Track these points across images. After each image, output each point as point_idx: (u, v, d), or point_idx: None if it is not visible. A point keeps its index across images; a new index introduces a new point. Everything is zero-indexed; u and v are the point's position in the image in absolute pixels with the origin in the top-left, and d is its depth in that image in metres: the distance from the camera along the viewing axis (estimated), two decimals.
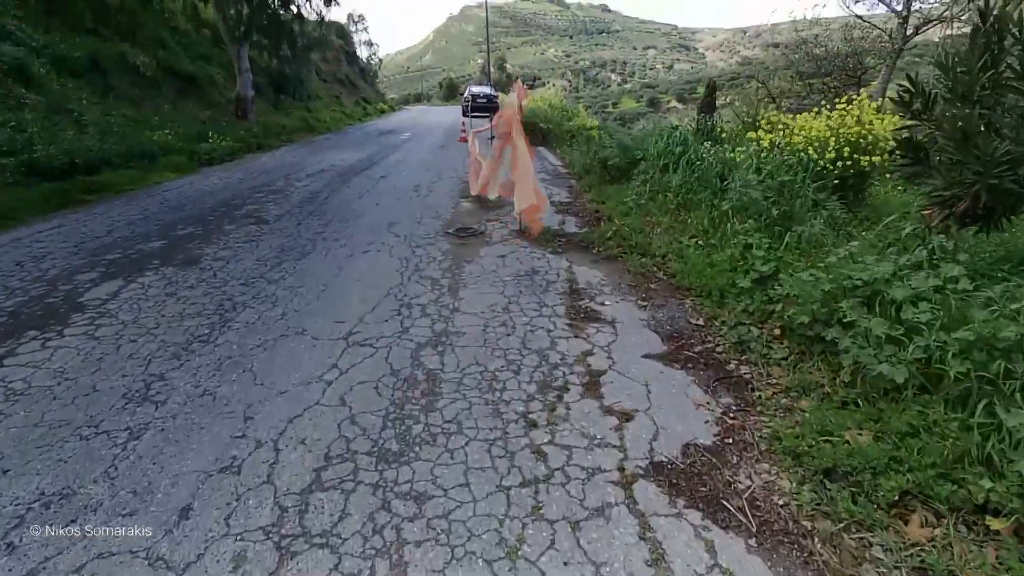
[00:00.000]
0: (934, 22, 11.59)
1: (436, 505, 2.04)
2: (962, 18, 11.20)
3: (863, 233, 4.12)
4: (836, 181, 5.09)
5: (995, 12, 2.99)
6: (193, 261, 4.94)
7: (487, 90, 28.69)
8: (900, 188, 6.38)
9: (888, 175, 5.52)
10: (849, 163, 5.07)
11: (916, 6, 11.61)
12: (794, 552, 1.84)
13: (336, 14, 59.30)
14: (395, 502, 2.05)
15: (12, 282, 4.39)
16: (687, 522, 1.96)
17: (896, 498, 1.93)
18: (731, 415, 2.60)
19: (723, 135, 9.10)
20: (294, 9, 17.74)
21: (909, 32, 11.90)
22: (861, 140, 5.12)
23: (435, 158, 11.69)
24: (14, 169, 7.62)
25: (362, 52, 56.04)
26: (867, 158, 5.02)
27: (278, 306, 3.93)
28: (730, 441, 2.41)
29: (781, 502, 2.05)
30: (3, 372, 2.99)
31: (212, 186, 8.66)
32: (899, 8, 12.11)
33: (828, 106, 5.76)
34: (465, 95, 28.47)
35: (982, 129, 3.08)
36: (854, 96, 5.70)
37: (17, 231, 5.91)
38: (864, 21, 11.94)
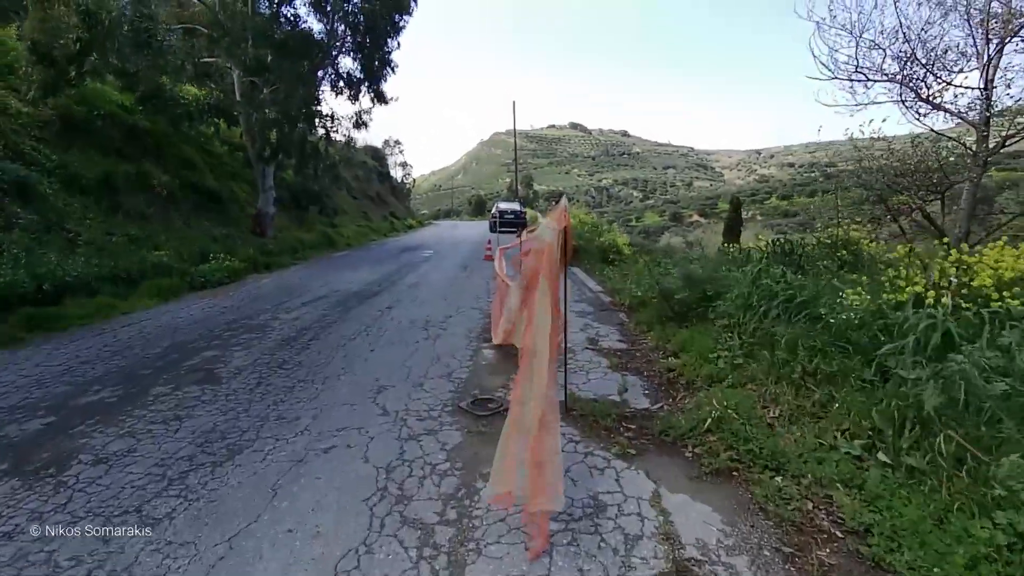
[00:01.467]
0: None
1: None
2: None
3: None
4: None
5: None
6: (57, 464, 3.17)
7: (515, 206, 28.46)
8: None
9: None
10: None
11: (999, 115, 10.30)
12: None
13: (373, 137, 63.17)
14: None
15: None
16: None
17: None
18: None
19: (802, 261, 7.43)
20: (321, 131, 17.74)
21: (992, 144, 10.49)
22: None
23: (455, 283, 10.25)
24: None
25: (397, 172, 58.95)
26: None
27: None
28: None
29: None
30: None
31: (185, 318, 7.19)
32: (975, 118, 10.84)
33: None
34: (493, 211, 28.24)
35: None
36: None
37: None
38: (941, 135, 10.64)
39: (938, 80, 10.96)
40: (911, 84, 11.60)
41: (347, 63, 31.01)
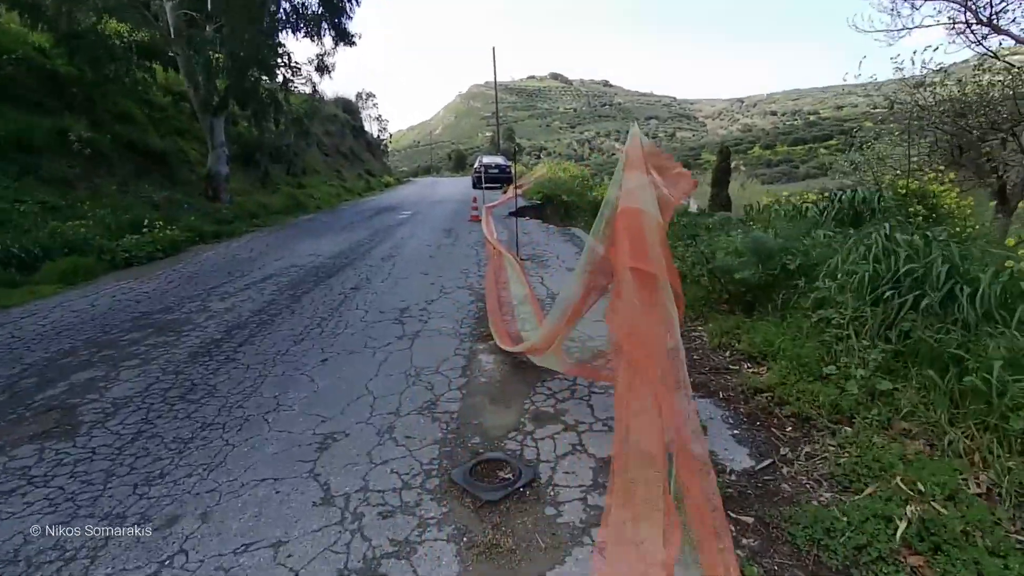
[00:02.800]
0: None
1: None
2: None
3: None
4: None
5: None
6: None
7: (500, 160, 26.39)
8: None
9: None
10: None
11: None
12: None
13: (344, 89, 59.67)
14: None
15: None
16: None
17: None
18: None
19: (871, 216, 5.91)
20: (280, 78, 15.42)
21: None
22: None
23: (437, 253, 8.53)
24: None
25: (372, 127, 55.78)
26: None
27: None
28: None
29: None
30: None
31: (81, 313, 5.43)
32: None
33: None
34: (476, 166, 26.15)
35: None
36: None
37: None
38: (1002, 61, 8.99)
39: None
40: (969, 3, 9.86)
41: None
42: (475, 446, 2.78)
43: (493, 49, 39.77)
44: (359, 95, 57.87)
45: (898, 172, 9.29)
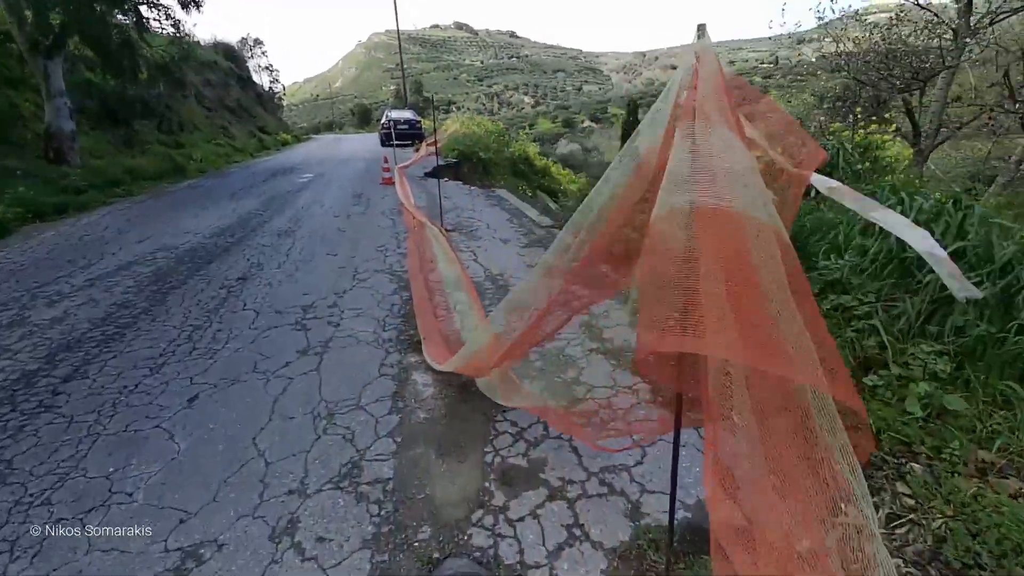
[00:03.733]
0: (1008, 12, 8.81)
1: None
2: None
3: None
4: None
5: None
6: None
7: (408, 115, 24.37)
8: None
9: None
10: None
11: None
12: None
13: (223, 34, 53.38)
14: None
15: None
16: None
17: None
18: None
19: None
20: (131, 14, 12.67)
21: (974, 22, 9.03)
22: None
23: (347, 225, 7.22)
24: None
25: (262, 79, 50.55)
26: None
27: None
28: None
29: None
30: None
31: None
32: None
33: None
34: (383, 121, 23.98)
35: None
36: None
37: None
38: (923, 8, 8.92)
39: None
40: None
41: None
42: (425, 546, 1.86)
43: None
44: (243, 41, 51.97)
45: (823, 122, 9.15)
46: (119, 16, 12.74)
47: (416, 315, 3.77)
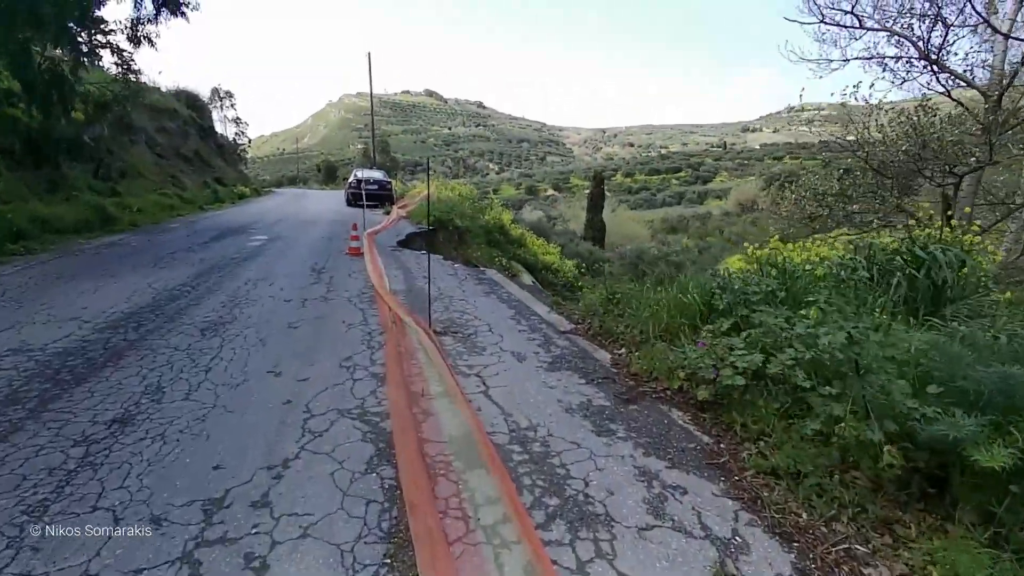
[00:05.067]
0: None
1: None
2: None
3: None
4: None
5: None
6: None
7: (378, 175, 23.13)
8: None
9: None
10: None
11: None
12: None
13: (189, 83, 52.74)
14: None
15: None
16: None
17: None
18: None
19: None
20: (70, 49, 11.06)
21: (1004, 116, 8.51)
22: None
23: (302, 312, 5.52)
24: None
25: (228, 129, 49.37)
26: None
27: None
28: None
29: None
30: None
31: None
32: (985, 84, 8.78)
33: None
34: (351, 181, 22.58)
35: None
36: None
37: None
38: (953, 100, 8.35)
39: (946, 28, 8.71)
40: (918, 39, 9.30)
41: None
42: None
43: (369, 55, 36.51)
44: (214, 92, 51.08)
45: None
46: (53, 48, 11.11)
47: (415, 544, 2.08)
